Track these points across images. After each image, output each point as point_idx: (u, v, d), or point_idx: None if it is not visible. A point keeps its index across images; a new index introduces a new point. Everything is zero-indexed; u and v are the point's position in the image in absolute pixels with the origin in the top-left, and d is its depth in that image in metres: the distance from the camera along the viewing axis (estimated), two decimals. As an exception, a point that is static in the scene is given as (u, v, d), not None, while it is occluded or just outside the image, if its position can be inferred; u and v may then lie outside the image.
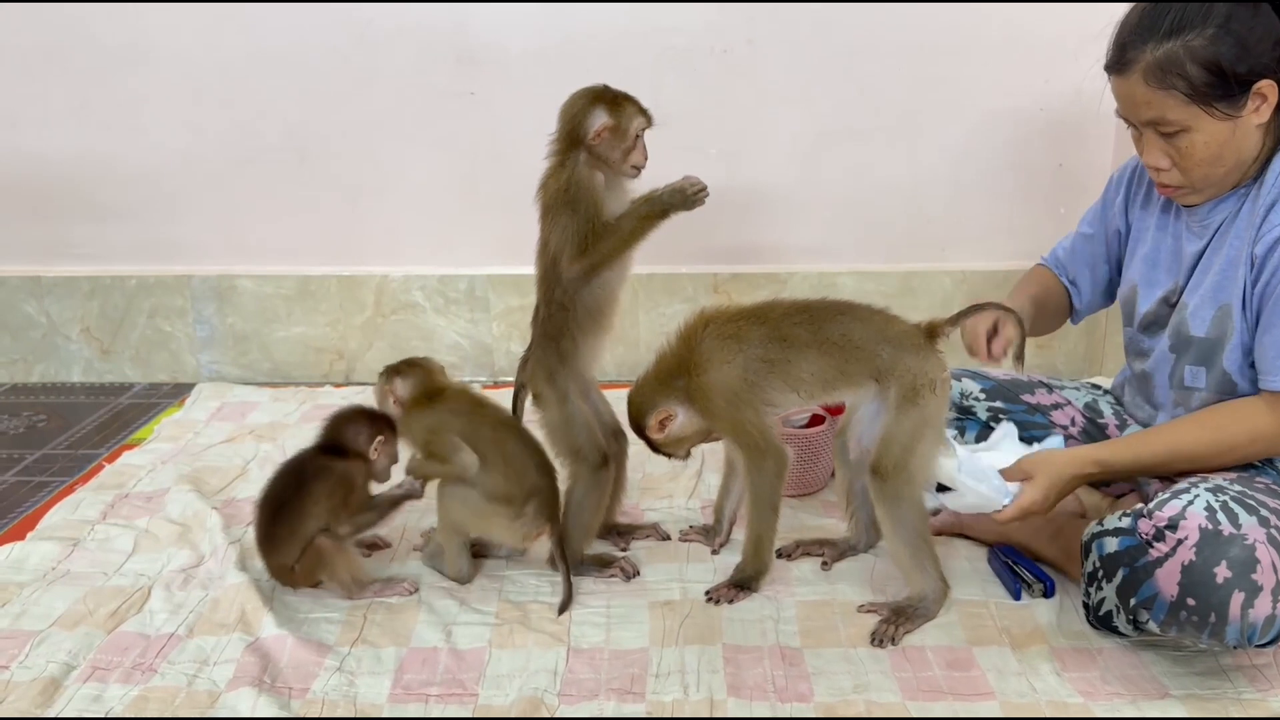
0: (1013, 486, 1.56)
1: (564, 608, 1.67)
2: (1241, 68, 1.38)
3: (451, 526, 1.72)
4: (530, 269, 1.74)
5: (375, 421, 1.73)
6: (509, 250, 1.73)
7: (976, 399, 1.85)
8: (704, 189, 1.64)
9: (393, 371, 1.77)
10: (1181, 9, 1.39)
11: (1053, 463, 1.55)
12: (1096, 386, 1.91)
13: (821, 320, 1.62)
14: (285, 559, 1.67)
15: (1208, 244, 1.54)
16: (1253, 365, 1.49)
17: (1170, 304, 1.60)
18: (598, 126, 1.65)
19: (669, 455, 1.73)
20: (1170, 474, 1.57)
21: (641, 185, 1.72)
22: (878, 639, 1.57)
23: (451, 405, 1.74)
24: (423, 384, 1.75)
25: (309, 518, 1.66)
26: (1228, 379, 1.52)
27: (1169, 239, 1.62)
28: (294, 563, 1.67)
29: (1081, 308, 1.86)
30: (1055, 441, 1.65)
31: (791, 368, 1.61)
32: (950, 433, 1.66)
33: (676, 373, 1.64)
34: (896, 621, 1.59)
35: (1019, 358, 1.63)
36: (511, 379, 1.87)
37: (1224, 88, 1.39)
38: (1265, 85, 1.39)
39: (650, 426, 1.67)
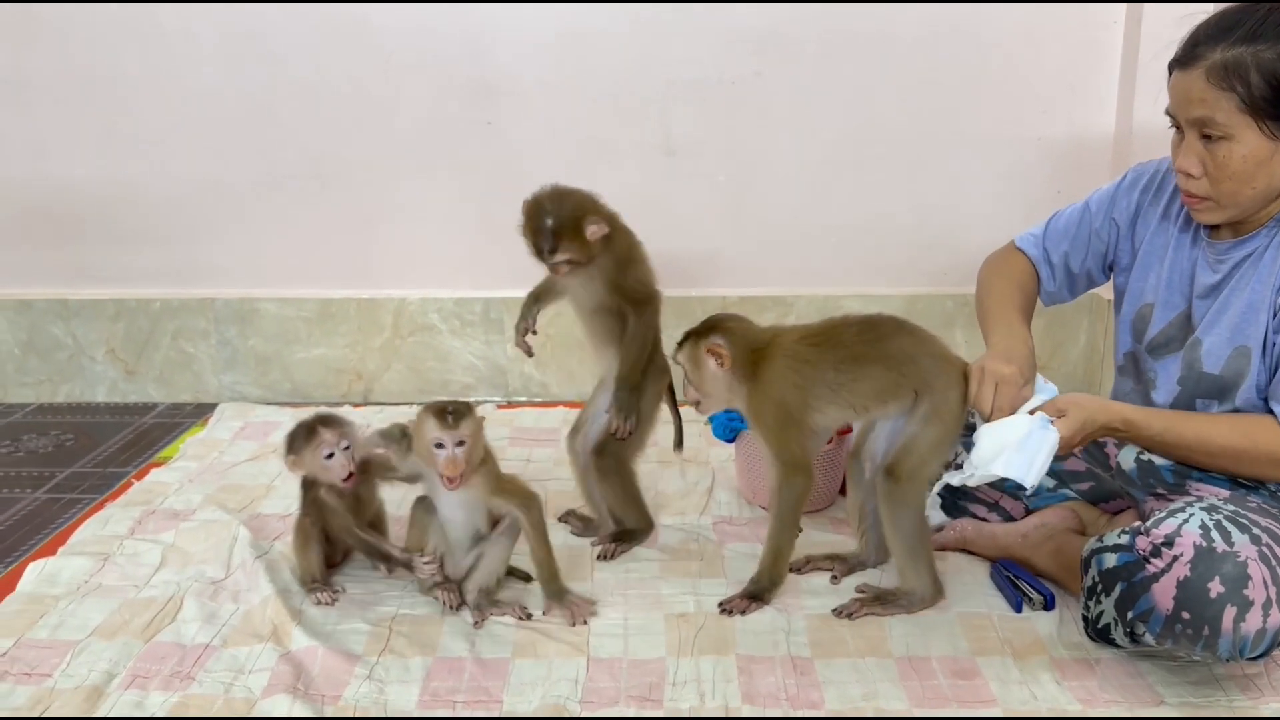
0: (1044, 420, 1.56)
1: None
2: None
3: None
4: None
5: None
6: (523, 274, 1.80)
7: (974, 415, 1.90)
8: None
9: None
10: (1262, 20, 1.42)
11: (1086, 407, 1.57)
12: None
13: (886, 336, 1.69)
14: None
15: (1224, 279, 1.57)
16: (1265, 401, 1.54)
17: (1185, 327, 1.63)
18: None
19: (692, 391, 1.76)
20: (1186, 461, 1.61)
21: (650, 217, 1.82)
22: (840, 611, 1.70)
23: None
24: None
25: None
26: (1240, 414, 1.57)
27: (1184, 262, 1.65)
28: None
29: (1053, 289, 1.86)
30: (1050, 390, 1.64)
31: (857, 385, 1.67)
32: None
33: (751, 357, 1.69)
34: (870, 604, 1.69)
35: None
36: (524, 399, 1.96)
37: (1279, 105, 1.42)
38: None
39: (712, 342, 1.70)
